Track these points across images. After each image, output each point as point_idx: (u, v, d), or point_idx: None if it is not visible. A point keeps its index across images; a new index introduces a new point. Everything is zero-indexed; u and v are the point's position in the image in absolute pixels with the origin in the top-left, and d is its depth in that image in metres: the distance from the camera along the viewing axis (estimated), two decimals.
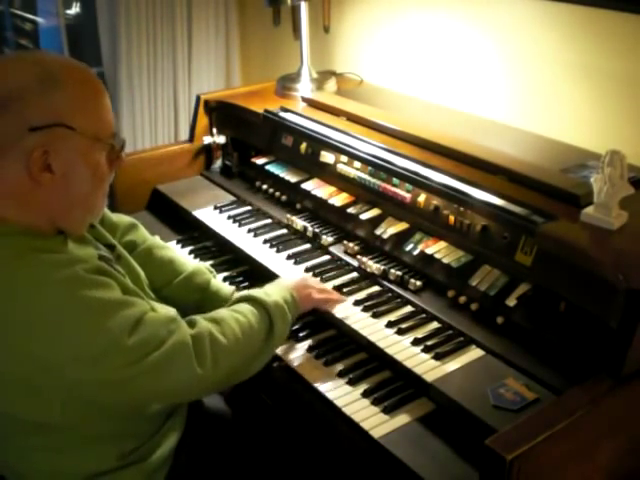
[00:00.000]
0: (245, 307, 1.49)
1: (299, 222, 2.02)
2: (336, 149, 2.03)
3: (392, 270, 1.75)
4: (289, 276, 1.74)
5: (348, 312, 1.67)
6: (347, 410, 1.44)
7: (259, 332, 1.46)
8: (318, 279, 1.78)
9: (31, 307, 1.20)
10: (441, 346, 1.53)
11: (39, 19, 4.11)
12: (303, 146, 2.13)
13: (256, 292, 1.55)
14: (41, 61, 1.26)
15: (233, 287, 1.78)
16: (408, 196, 1.83)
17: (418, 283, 1.71)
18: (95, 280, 1.25)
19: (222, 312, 1.47)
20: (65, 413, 1.28)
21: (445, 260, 1.69)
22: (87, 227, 1.40)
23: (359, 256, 1.83)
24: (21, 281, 1.21)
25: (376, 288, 1.76)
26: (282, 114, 2.22)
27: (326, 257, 1.91)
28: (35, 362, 1.21)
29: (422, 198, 1.79)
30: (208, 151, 2.47)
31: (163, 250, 1.75)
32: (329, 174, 2.06)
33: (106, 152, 1.32)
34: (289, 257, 1.90)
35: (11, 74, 1.23)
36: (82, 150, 1.27)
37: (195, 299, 1.69)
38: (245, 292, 1.57)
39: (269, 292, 1.55)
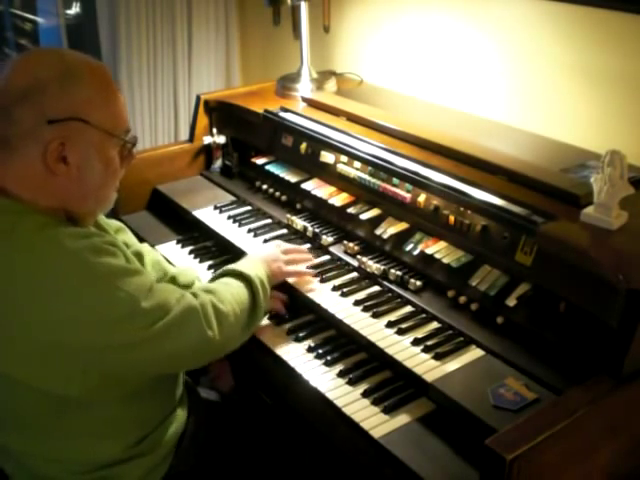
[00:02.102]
0: (232, 280, 1.58)
1: (299, 222, 2.02)
2: (336, 149, 2.03)
3: (392, 270, 1.75)
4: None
5: (348, 312, 1.67)
6: (347, 410, 1.44)
7: (247, 303, 1.55)
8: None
9: (54, 274, 1.25)
10: (441, 346, 1.53)
11: (39, 19, 4.11)
12: (303, 146, 2.13)
13: (238, 266, 1.64)
14: (63, 57, 1.34)
15: None
16: (408, 196, 1.83)
17: (418, 283, 1.70)
18: (111, 250, 1.33)
19: (214, 285, 1.56)
20: (84, 385, 1.32)
21: (445, 260, 1.69)
22: (95, 219, 1.46)
23: (359, 256, 1.83)
24: (43, 250, 1.26)
25: (376, 288, 1.76)
26: (282, 114, 2.22)
27: (326, 257, 1.91)
28: (61, 327, 1.26)
29: (422, 198, 1.79)
30: (208, 151, 2.47)
31: (151, 252, 1.81)
32: (329, 174, 2.06)
33: (119, 148, 1.39)
34: None
35: (35, 66, 1.30)
36: (96, 144, 1.34)
37: None
38: (227, 266, 1.66)
39: (248, 266, 1.64)
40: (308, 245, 1.96)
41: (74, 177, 1.32)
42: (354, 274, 1.83)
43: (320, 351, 1.61)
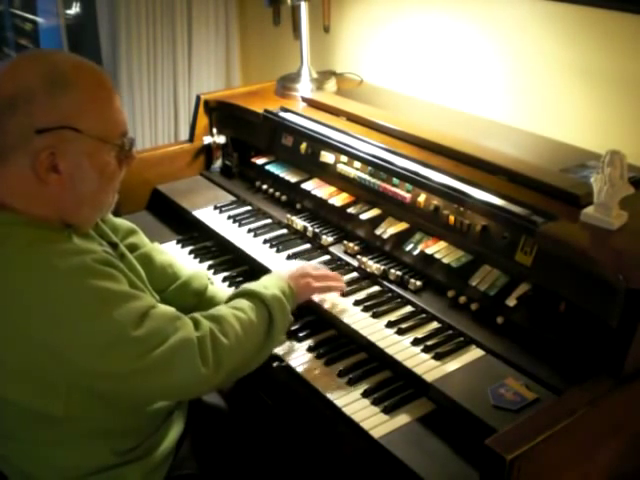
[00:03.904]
0: (244, 303, 1.49)
1: (299, 222, 2.02)
2: (336, 149, 2.03)
3: (392, 270, 1.75)
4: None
5: (348, 312, 1.67)
6: (347, 410, 1.44)
7: (259, 327, 1.46)
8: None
9: (40, 294, 1.22)
10: (441, 346, 1.53)
11: (39, 19, 4.11)
12: (303, 146, 2.13)
13: (254, 286, 1.55)
14: (53, 62, 1.28)
15: (230, 291, 1.76)
16: (408, 196, 1.83)
17: (418, 283, 1.71)
18: (103, 270, 1.28)
19: (222, 310, 1.46)
20: (69, 405, 1.29)
21: (445, 260, 1.69)
22: (94, 223, 1.42)
23: (359, 256, 1.83)
24: (31, 269, 1.23)
25: (376, 288, 1.76)
26: (282, 114, 2.22)
27: (326, 257, 1.91)
28: (45, 349, 1.23)
29: (422, 198, 1.79)
30: (208, 151, 2.47)
31: (162, 255, 1.76)
32: (329, 174, 2.06)
33: (115, 152, 1.34)
34: (289, 257, 1.90)
35: (23, 73, 1.25)
36: (89, 152, 1.29)
37: (191, 304, 1.68)
38: (243, 286, 1.57)
39: (267, 285, 1.55)
40: (308, 245, 1.96)
41: (67, 186, 1.28)
42: (354, 274, 1.83)
43: (320, 351, 1.61)
